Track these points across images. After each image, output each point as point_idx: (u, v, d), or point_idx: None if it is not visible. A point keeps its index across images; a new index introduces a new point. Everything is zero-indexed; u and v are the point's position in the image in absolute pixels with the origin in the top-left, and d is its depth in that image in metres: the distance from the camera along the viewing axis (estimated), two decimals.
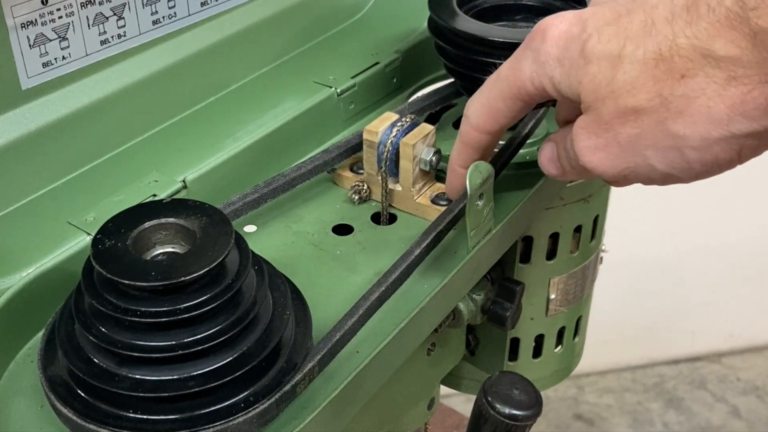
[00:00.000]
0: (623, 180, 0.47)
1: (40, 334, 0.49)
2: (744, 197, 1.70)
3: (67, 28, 0.57)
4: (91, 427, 0.43)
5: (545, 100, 0.50)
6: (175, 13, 0.63)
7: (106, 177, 0.59)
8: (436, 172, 0.62)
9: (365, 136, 0.60)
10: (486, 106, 0.52)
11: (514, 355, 0.75)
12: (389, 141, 0.59)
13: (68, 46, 0.57)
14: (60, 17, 0.56)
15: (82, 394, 0.43)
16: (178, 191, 0.57)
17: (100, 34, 0.59)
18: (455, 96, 0.70)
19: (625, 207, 1.16)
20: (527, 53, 0.49)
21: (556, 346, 0.77)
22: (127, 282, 0.42)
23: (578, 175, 0.52)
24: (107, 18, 0.59)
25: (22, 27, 0.54)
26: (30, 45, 0.55)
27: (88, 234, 0.54)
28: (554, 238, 0.70)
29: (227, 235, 0.44)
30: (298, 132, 0.65)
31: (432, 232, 0.54)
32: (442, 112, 0.72)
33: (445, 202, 0.60)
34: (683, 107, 0.42)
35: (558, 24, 0.47)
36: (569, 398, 1.77)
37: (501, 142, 0.63)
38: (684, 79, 0.42)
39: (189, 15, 0.65)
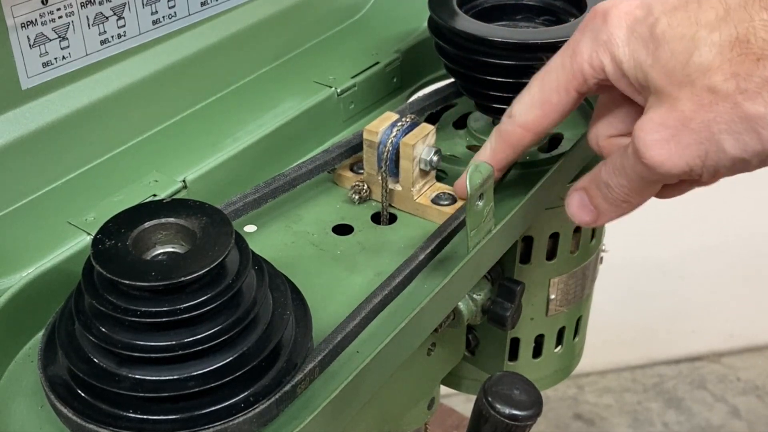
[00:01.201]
0: (687, 174, 0.46)
1: (40, 334, 0.49)
2: (744, 197, 1.69)
3: (67, 28, 0.57)
4: (91, 427, 0.43)
5: (597, 92, 0.49)
6: (175, 13, 0.63)
7: (106, 177, 0.59)
8: (437, 172, 0.62)
9: (365, 136, 0.60)
10: (537, 101, 0.51)
11: (514, 355, 0.75)
12: (389, 141, 0.59)
13: (68, 46, 0.57)
14: (60, 17, 0.56)
15: (82, 394, 0.44)
16: (178, 191, 0.57)
17: (100, 34, 0.59)
18: (455, 96, 0.70)
19: None
20: (585, 34, 0.48)
21: (556, 346, 0.77)
22: (127, 282, 0.42)
23: (633, 188, 0.50)
24: (107, 18, 0.59)
25: (22, 27, 0.54)
26: (30, 45, 0.55)
27: (88, 234, 0.54)
28: (554, 238, 0.70)
29: (227, 235, 0.44)
30: (298, 132, 0.65)
31: (438, 237, 0.54)
32: (442, 112, 0.72)
33: (445, 202, 0.60)
34: (762, 88, 0.42)
35: (619, 5, 0.47)
36: (569, 398, 1.77)
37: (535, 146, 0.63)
38: (761, 61, 0.42)
39: (189, 15, 0.65)
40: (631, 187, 0.50)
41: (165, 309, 0.42)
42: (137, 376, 0.42)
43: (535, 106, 0.52)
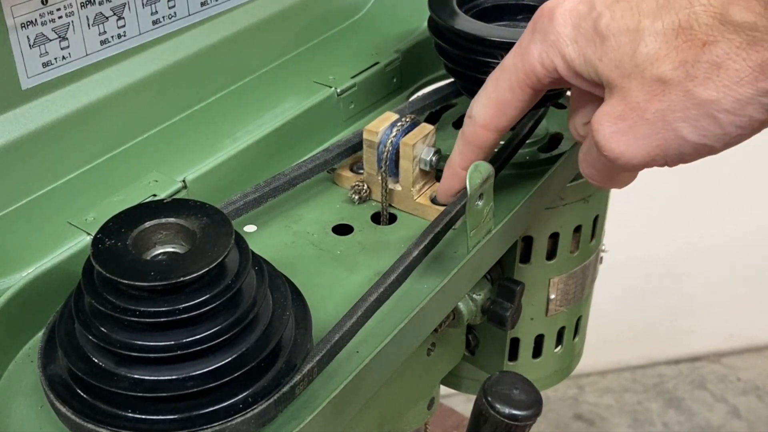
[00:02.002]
0: (651, 163, 0.46)
1: (40, 334, 0.49)
2: (744, 197, 1.70)
3: (67, 28, 0.57)
4: (90, 426, 0.43)
5: (553, 87, 0.50)
6: (175, 13, 0.63)
7: (106, 177, 0.59)
8: (436, 172, 0.62)
9: (365, 135, 0.60)
10: (493, 101, 0.52)
11: (514, 355, 0.75)
12: (389, 141, 0.59)
13: (68, 46, 0.57)
14: (60, 17, 0.56)
15: (82, 394, 0.44)
16: (178, 191, 0.57)
17: (100, 34, 0.59)
18: (455, 96, 0.70)
19: (625, 207, 1.16)
20: (535, 36, 0.48)
21: (556, 346, 0.77)
22: (126, 282, 0.42)
23: (603, 177, 0.50)
24: (107, 18, 0.59)
25: (22, 27, 0.54)
26: (30, 45, 0.55)
27: (88, 234, 0.54)
28: (554, 238, 0.70)
29: (227, 235, 0.44)
30: (298, 132, 0.65)
31: (430, 233, 0.54)
32: (442, 112, 0.72)
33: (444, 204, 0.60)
34: (711, 72, 0.42)
35: (563, 3, 0.47)
36: (569, 398, 1.77)
37: (500, 142, 0.63)
38: (706, 46, 0.42)
39: (189, 15, 0.65)
40: (601, 176, 0.50)
41: (164, 309, 0.42)
42: (136, 376, 0.42)
43: (491, 105, 0.52)
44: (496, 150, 0.61)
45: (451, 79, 0.69)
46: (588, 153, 0.50)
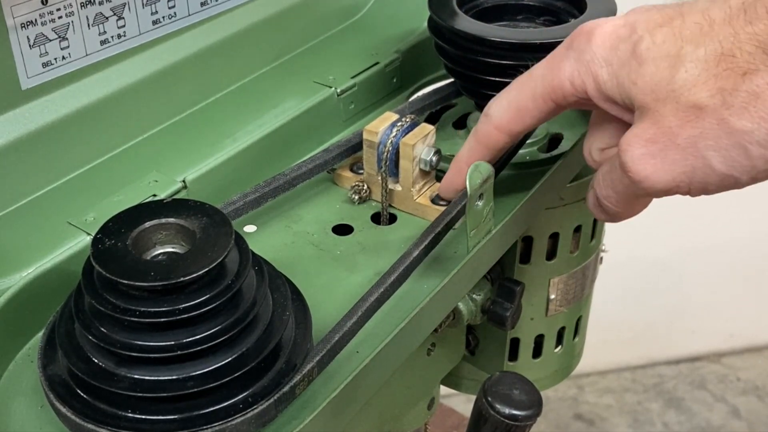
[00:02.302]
0: (674, 190, 0.46)
1: (40, 334, 0.49)
2: (744, 197, 1.69)
3: (67, 28, 0.57)
4: (90, 426, 0.43)
5: (577, 107, 0.50)
6: (175, 13, 0.63)
7: (106, 177, 0.59)
8: (436, 172, 0.62)
9: (365, 136, 0.60)
10: (514, 105, 0.51)
11: (514, 355, 0.75)
12: (389, 141, 0.59)
13: (68, 46, 0.57)
14: (60, 17, 0.56)
15: (82, 394, 0.44)
16: (178, 191, 0.57)
17: (100, 34, 0.59)
18: (455, 96, 0.70)
19: None
20: (570, 53, 0.48)
21: (556, 346, 0.77)
22: (126, 282, 0.42)
23: (621, 200, 0.50)
24: (107, 18, 0.59)
25: (22, 27, 0.54)
26: (30, 45, 0.55)
27: (88, 234, 0.54)
28: (554, 238, 0.70)
29: (227, 236, 0.44)
30: (298, 132, 0.65)
31: (430, 233, 0.54)
32: (442, 112, 0.72)
33: (445, 202, 0.60)
34: (748, 102, 0.41)
35: (604, 25, 0.47)
36: (569, 398, 1.77)
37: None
38: (747, 76, 0.41)
39: (189, 15, 0.65)
40: (619, 199, 0.50)
41: (164, 309, 0.42)
42: (136, 376, 0.42)
43: (511, 109, 0.52)
44: None
45: (451, 79, 0.69)
46: (609, 174, 0.49)
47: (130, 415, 0.42)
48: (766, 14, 0.41)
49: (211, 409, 0.43)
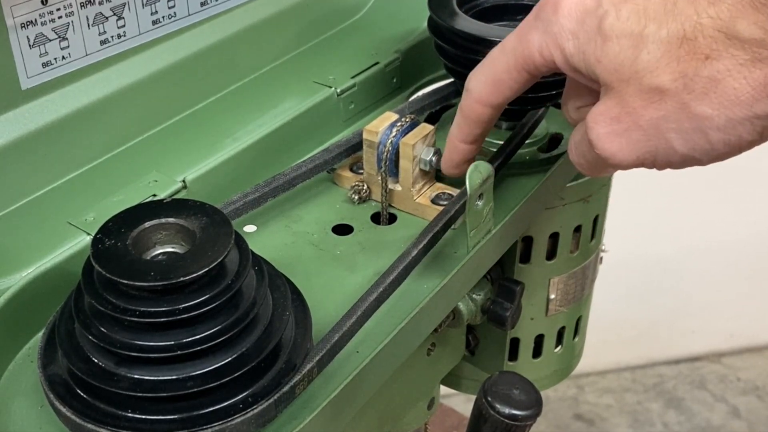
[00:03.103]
0: (640, 165, 0.47)
1: (40, 334, 0.49)
2: (744, 197, 1.70)
3: (67, 28, 0.57)
4: (90, 426, 0.43)
5: (551, 73, 0.50)
6: (175, 13, 0.63)
7: (106, 177, 0.59)
8: (436, 172, 0.62)
9: (365, 135, 0.60)
10: (490, 78, 0.52)
11: (514, 355, 0.75)
12: (389, 141, 0.59)
13: (68, 46, 0.57)
14: (60, 17, 0.56)
15: (82, 394, 0.44)
16: (178, 191, 0.57)
17: (100, 34, 0.59)
18: (455, 96, 0.70)
19: (625, 207, 1.16)
20: (537, 24, 0.48)
21: (556, 346, 0.77)
22: (126, 282, 0.42)
23: (591, 167, 0.51)
24: (107, 18, 0.59)
25: (22, 27, 0.54)
26: (30, 45, 0.55)
27: (88, 234, 0.54)
28: (554, 238, 0.70)
29: (227, 236, 0.44)
30: (298, 132, 0.65)
31: (429, 232, 0.54)
32: (442, 112, 0.72)
33: (445, 202, 0.60)
34: (709, 88, 0.42)
35: None
36: (569, 398, 1.77)
37: (500, 142, 0.63)
38: (709, 60, 0.41)
39: (189, 15, 0.65)
40: (589, 167, 0.50)
41: (164, 309, 0.42)
42: (136, 376, 0.42)
43: (488, 82, 0.52)
44: (494, 150, 0.62)
45: (451, 79, 0.69)
46: (580, 144, 0.50)
47: (130, 415, 0.42)
48: None
49: (211, 409, 0.43)
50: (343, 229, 0.60)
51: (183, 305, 0.42)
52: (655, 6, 0.43)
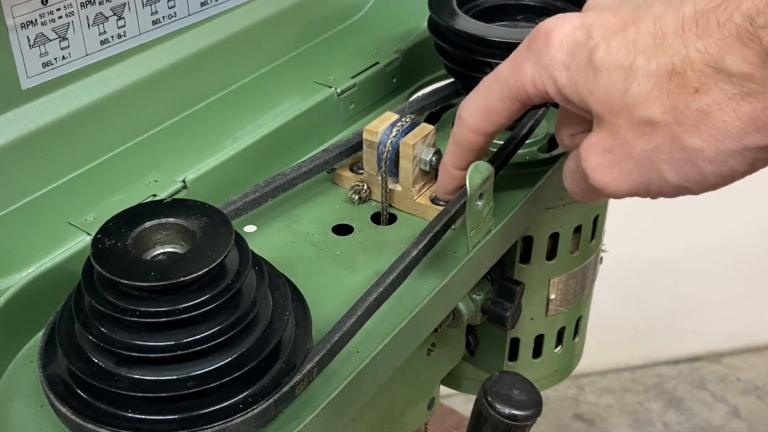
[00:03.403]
0: (634, 195, 0.47)
1: (40, 334, 0.49)
2: (744, 197, 1.69)
3: (67, 28, 0.57)
4: (90, 426, 0.43)
5: (543, 103, 0.50)
6: (175, 13, 0.63)
7: (106, 177, 0.59)
8: (436, 172, 0.62)
9: (365, 135, 0.60)
10: (483, 107, 0.52)
11: (514, 355, 0.75)
12: (389, 141, 0.59)
13: (68, 46, 0.57)
14: (60, 17, 0.56)
15: (82, 394, 0.44)
16: (178, 191, 0.57)
17: (100, 34, 0.59)
18: (455, 96, 0.70)
19: (625, 207, 1.16)
20: (529, 54, 0.48)
21: (556, 346, 0.77)
22: (126, 282, 0.42)
23: (585, 195, 0.51)
24: (107, 18, 0.59)
25: (22, 27, 0.54)
26: (30, 45, 0.55)
27: (88, 234, 0.54)
28: (554, 238, 0.70)
29: (227, 236, 0.44)
30: (298, 132, 0.65)
31: (429, 232, 0.54)
32: (442, 112, 0.72)
33: (444, 202, 0.60)
34: (699, 121, 0.42)
35: (561, 27, 0.47)
36: (569, 398, 1.77)
37: (500, 142, 0.63)
38: (698, 94, 0.42)
39: (189, 15, 0.65)
40: (583, 195, 0.51)
41: (164, 309, 0.42)
42: (136, 376, 0.42)
43: (481, 111, 0.52)
44: (494, 150, 0.62)
45: (451, 79, 0.69)
46: (574, 173, 0.50)
47: (130, 415, 0.42)
48: (717, 28, 0.41)
49: (211, 409, 0.43)
50: (343, 229, 0.60)
51: (183, 305, 0.42)
52: (645, 39, 0.43)
